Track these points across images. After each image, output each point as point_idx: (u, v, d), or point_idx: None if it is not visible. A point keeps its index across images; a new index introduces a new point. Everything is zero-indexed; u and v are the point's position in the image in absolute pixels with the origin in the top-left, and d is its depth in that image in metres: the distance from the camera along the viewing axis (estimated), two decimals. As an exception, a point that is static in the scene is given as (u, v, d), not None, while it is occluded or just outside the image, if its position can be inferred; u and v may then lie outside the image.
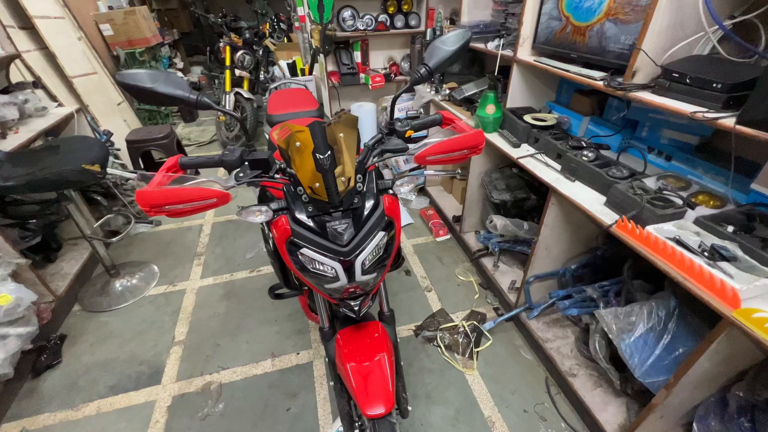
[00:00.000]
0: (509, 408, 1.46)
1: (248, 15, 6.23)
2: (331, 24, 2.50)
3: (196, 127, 4.42)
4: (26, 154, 1.67)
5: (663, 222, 1.06)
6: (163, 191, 0.79)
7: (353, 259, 0.83)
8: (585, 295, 1.52)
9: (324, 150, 0.75)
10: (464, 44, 0.92)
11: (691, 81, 1.02)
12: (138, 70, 0.83)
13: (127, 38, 3.95)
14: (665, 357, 1.11)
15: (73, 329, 1.84)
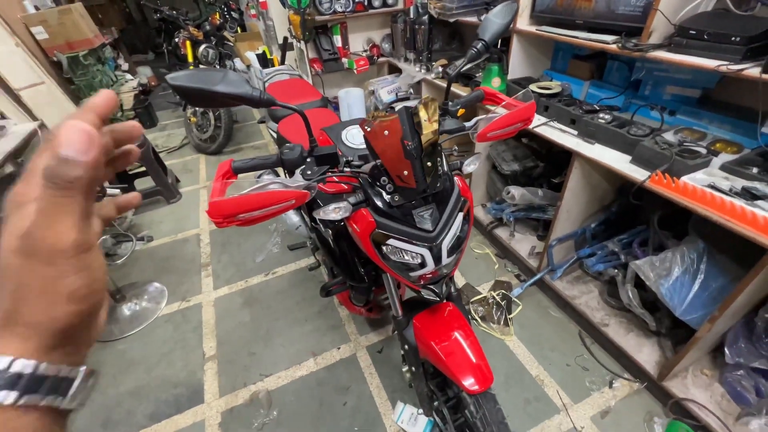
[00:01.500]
0: (553, 365, 1.55)
1: (186, 5, 5.75)
2: (308, 8, 2.38)
3: (159, 132, 4.11)
4: (6, 181, 1.49)
5: (693, 172, 1.14)
6: (237, 200, 0.74)
7: (440, 243, 0.83)
8: (607, 250, 1.62)
9: (412, 136, 0.73)
10: (514, 16, 0.93)
11: (709, 36, 1.09)
12: (189, 71, 0.75)
13: (65, 41, 3.55)
14: (701, 295, 1.21)
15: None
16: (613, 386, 1.45)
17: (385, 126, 0.72)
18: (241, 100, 0.76)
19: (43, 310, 0.24)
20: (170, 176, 2.88)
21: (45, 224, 0.23)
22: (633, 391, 1.43)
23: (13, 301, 0.23)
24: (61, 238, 0.24)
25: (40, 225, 0.23)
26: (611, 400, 1.41)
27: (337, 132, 1.14)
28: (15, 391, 0.22)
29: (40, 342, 0.24)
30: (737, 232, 0.99)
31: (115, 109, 0.29)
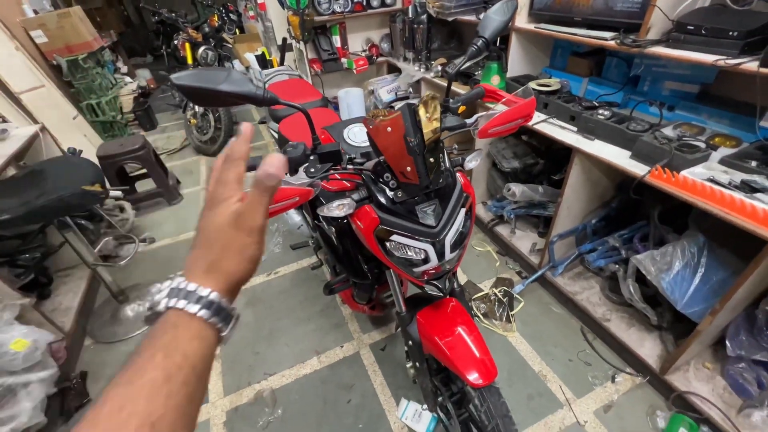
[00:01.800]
0: (555, 360, 1.56)
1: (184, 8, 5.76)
2: (307, 9, 2.39)
3: (159, 134, 4.12)
4: (9, 184, 1.50)
5: (693, 166, 1.15)
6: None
7: (443, 238, 0.84)
8: (608, 245, 1.63)
9: (414, 133, 0.74)
10: (514, 13, 0.93)
11: (706, 32, 1.10)
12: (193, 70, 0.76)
13: (64, 44, 3.55)
14: (702, 288, 1.22)
15: (92, 364, 1.71)
16: (616, 381, 1.46)
17: (387, 123, 0.73)
18: (244, 98, 0.76)
19: (236, 264, 0.37)
20: (171, 178, 2.89)
21: (250, 210, 0.37)
22: (635, 385, 1.44)
23: (219, 255, 0.36)
24: (257, 220, 0.37)
25: (248, 210, 0.37)
26: (614, 395, 1.42)
27: (339, 130, 1.15)
28: (209, 310, 0.34)
29: (227, 286, 0.36)
30: (737, 224, 0.99)
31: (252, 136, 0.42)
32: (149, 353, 0.30)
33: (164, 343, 0.31)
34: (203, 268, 0.36)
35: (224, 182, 0.37)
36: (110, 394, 0.28)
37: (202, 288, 0.34)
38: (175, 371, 0.30)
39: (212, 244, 0.36)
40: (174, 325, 0.33)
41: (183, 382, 0.30)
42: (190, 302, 0.33)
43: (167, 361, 0.30)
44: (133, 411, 0.27)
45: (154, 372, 0.29)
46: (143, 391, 0.28)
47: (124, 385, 0.28)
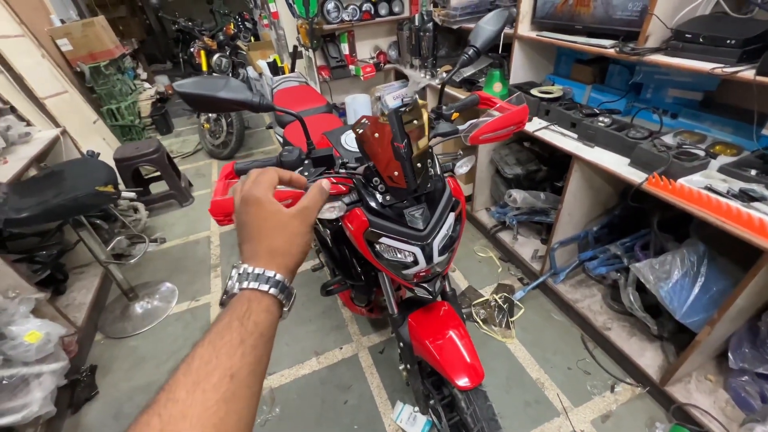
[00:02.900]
0: (554, 368, 1.55)
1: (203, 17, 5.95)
2: (317, 18, 2.46)
3: (175, 138, 4.26)
4: (29, 183, 1.58)
5: (691, 174, 1.14)
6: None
7: (431, 242, 0.86)
8: (609, 253, 1.61)
9: (402, 138, 0.77)
10: (506, 22, 0.95)
11: (704, 40, 1.10)
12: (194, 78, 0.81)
13: (88, 52, 3.72)
14: (702, 298, 1.21)
15: (102, 358, 1.77)
16: (615, 390, 1.44)
17: (375, 129, 0.75)
18: (242, 105, 0.81)
19: (296, 249, 0.45)
20: (183, 180, 2.98)
21: (312, 207, 0.48)
22: (635, 396, 1.42)
23: (281, 242, 0.44)
24: (314, 215, 0.48)
25: (310, 206, 0.48)
26: (612, 405, 1.40)
27: (337, 136, 1.18)
28: (276, 288, 0.41)
29: (287, 268, 0.43)
30: (733, 233, 0.98)
31: None
32: (227, 321, 0.37)
33: (239, 314, 0.38)
34: (266, 254, 0.42)
35: (258, 185, 0.45)
36: (198, 351, 0.35)
37: (268, 270, 0.41)
38: (247, 336, 0.36)
39: (272, 233, 0.43)
40: (248, 300, 0.39)
41: (253, 345, 0.36)
42: (260, 283, 0.40)
43: (242, 328, 0.37)
44: (217, 364, 0.34)
45: (231, 335, 0.36)
46: (223, 349, 0.35)
47: (207, 345, 0.35)
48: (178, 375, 0.33)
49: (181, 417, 0.30)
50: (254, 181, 0.45)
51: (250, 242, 0.43)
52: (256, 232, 0.43)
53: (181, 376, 0.33)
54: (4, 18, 2.66)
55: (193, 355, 0.34)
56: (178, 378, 0.33)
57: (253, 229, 0.43)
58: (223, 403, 0.32)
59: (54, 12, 3.71)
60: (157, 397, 0.32)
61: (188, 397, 0.31)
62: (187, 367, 0.34)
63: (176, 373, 0.33)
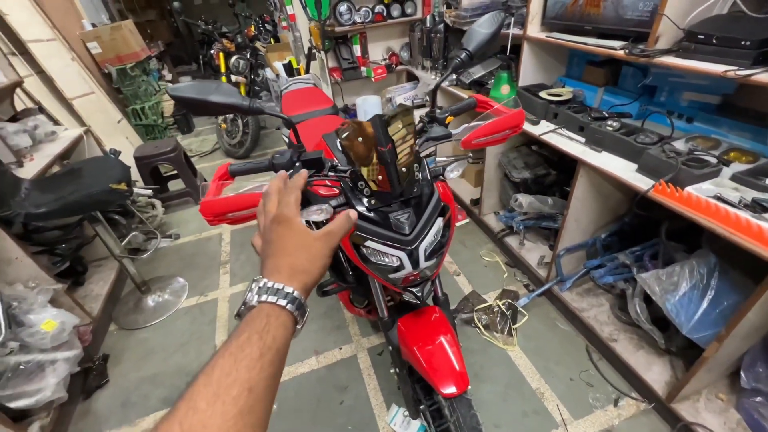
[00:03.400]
0: (555, 378, 1.50)
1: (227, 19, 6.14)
2: (329, 20, 2.48)
3: (194, 138, 4.40)
4: (50, 180, 1.67)
5: (700, 182, 1.08)
6: (226, 200, 0.81)
7: (417, 246, 0.85)
8: (618, 262, 1.55)
9: (386, 142, 0.77)
10: (501, 25, 0.93)
11: (717, 41, 1.04)
12: (188, 83, 0.84)
13: (115, 54, 3.89)
14: (711, 312, 1.14)
15: (114, 348, 1.85)
16: (619, 405, 1.39)
17: (359, 133, 0.76)
18: (232, 108, 0.83)
19: (316, 269, 0.46)
20: (199, 179, 3.08)
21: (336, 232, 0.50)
22: (639, 411, 1.36)
23: (303, 261, 0.45)
24: (337, 240, 0.50)
25: (335, 231, 0.50)
26: (615, 419, 1.35)
27: (334, 139, 1.19)
28: (293, 305, 0.42)
29: (305, 286, 0.44)
30: (741, 245, 0.93)
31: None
32: (247, 335, 0.38)
33: (259, 328, 0.39)
34: (287, 271, 0.44)
35: (287, 204, 0.48)
36: (219, 362, 0.35)
37: (288, 286, 0.42)
38: (266, 350, 0.37)
39: (296, 252, 0.46)
40: (267, 315, 0.40)
41: (271, 360, 0.37)
42: (279, 297, 0.41)
43: (261, 342, 0.38)
44: (237, 377, 0.34)
45: (251, 348, 0.37)
46: (243, 362, 0.36)
47: (228, 357, 0.36)
48: (198, 385, 0.34)
49: (202, 427, 0.31)
50: (284, 202, 0.49)
51: (273, 258, 0.45)
52: (281, 250, 0.45)
53: (201, 387, 0.33)
54: (38, 23, 2.82)
55: (213, 366, 0.35)
56: (199, 388, 0.33)
57: (278, 247, 0.46)
58: (240, 417, 0.33)
59: (86, 17, 3.91)
60: (177, 405, 0.32)
61: (208, 408, 0.32)
62: (208, 377, 0.34)
63: (196, 383, 0.34)
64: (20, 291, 1.53)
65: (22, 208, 1.42)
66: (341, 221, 0.51)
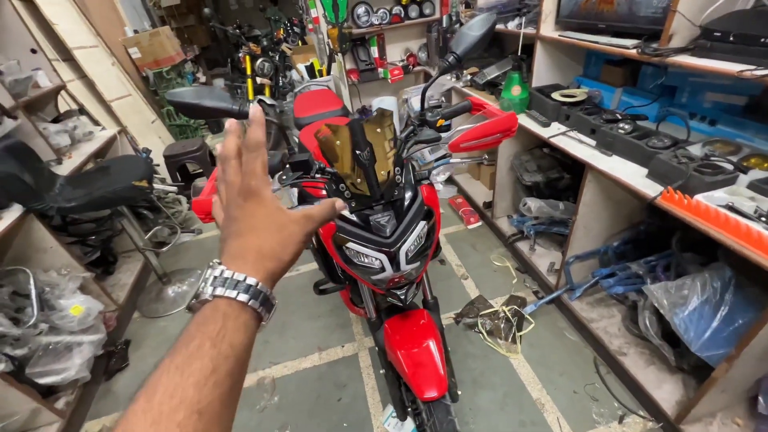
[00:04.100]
0: (558, 390, 1.45)
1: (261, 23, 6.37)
2: (346, 22, 2.52)
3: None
4: (82, 176, 1.82)
5: (713, 189, 1.01)
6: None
7: (397, 249, 0.86)
8: (630, 271, 1.47)
9: (363, 146, 0.78)
10: (491, 28, 0.92)
11: (735, 39, 0.97)
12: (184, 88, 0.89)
13: (153, 59, 4.14)
14: (723, 329, 1.07)
15: (136, 334, 1.98)
16: (624, 422, 1.32)
17: (337, 136, 0.78)
18: (223, 112, 0.87)
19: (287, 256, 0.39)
20: (223, 177, 3.21)
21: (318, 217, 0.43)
22: (646, 430, 1.29)
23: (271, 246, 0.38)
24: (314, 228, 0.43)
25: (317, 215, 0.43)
26: (618, 437, 1.29)
27: (332, 141, 1.22)
28: (256, 300, 0.35)
29: (271, 275, 0.38)
30: (751, 259, 0.86)
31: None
32: (197, 342, 0.31)
33: (212, 333, 0.31)
34: (254, 255, 0.36)
35: (253, 173, 0.38)
36: (162, 379, 0.29)
37: (251, 278, 0.35)
38: (221, 361, 0.31)
39: (265, 233, 0.38)
40: (224, 315, 0.33)
41: (228, 373, 0.31)
42: (240, 291, 0.34)
43: (214, 351, 0.31)
44: (183, 398, 0.28)
45: (202, 361, 0.30)
46: (191, 379, 0.29)
47: (174, 372, 0.29)
48: (136, 410, 0.28)
49: None
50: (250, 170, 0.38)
51: (237, 238, 0.38)
52: (248, 229, 0.38)
53: (139, 413, 0.27)
54: (83, 31, 3.06)
55: (155, 384, 0.29)
56: (137, 415, 0.27)
57: (245, 225, 0.38)
58: None
59: (128, 24, 4.19)
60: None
61: None
62: (148, 400, 0.28)
63: (134, 406, 0.28)
64: (54, 277, 1.67)
65: (55, 201, 1.56)
66: (324, 207, 0.44)
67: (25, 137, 1.87)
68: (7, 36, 2.05)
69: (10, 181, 1.44)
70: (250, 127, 0.39)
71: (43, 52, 2.13)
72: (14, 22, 2.03)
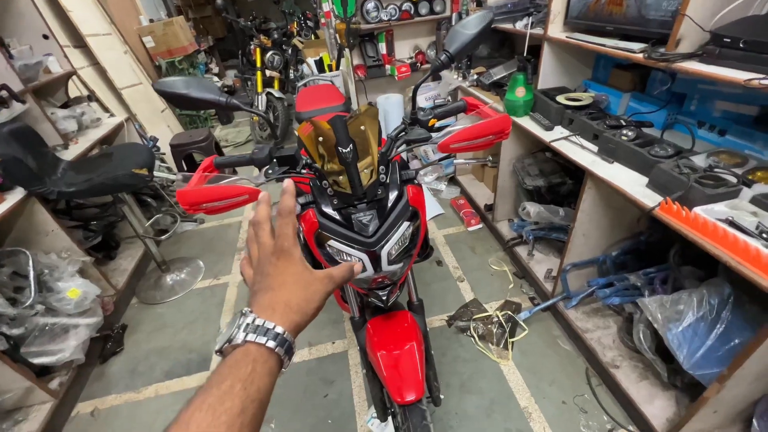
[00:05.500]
0: (547, 399, 1.43)
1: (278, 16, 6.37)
2: (355, 17, 2.50)
3: (232, 128, 4.63)
4: (85, 161, 1.84)
5: (713, 202, 0.97)
6: (201, 190, 0.84)
7: (379, 249, 0.84)
8: (628, 283, 1.43)
9: (346, 143, 0.76)
10: (486, 26, 0.89)
11: (745, 45, 0.92)
12: (173, 77, 0.89)
13: (167, 48, 4.19)
14: (719, 348, 1.03)
15: (133, 320, 2.02)
16: (612, 436, 1.29)
17: (319, 132, 0.76)
18: (209, 103, 0.87)
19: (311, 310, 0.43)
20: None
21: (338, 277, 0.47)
22: (634, 446, 1.26)
23: (302, 300, 0.42)
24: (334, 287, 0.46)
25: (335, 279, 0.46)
26: (605, 451, 1.26)
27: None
28: (282, 348, 0.38)
29: (296, 326, 0.41)
30: (747, 276, 0.83)
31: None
32: (229, 383, 0.33)
33: (242, 376, 0.34)
34: (282, 308, 0.40)
35: (286, 236, 0.43)
36: (195, 416, 0.31)
37: (279, 327, 0.38)
38: (249, 403, 0.33)
39: (293, 289, 0.42)
40: (254, 360, 0.36)
41: (254, 415, 0.34)
42: (269, 339, 0.37)
43: (244, 393, 0.33)
44: None
45: (232, 401, 0.33)
46: (223, 417, 0.31)
47: (206, 411, 0.31)
48: None
49: None
50: (283, 234, 0.43)
51: (269, 292, 0.41)
52: (279, 285, 0.42)
53: None
54: (98, 18, 3.10)
55: (188, 421, 0.31)
56: None
57: (276, 282, 0.42)
58: None
59: (144, 13, 4.24)
60: None
61: None
62: None
63: None
64: (54, 260, 1.71)
65: (56, 186, 1.58)
66: (344, 270, 0.48)
67: (33, 121, 1.91)
68: (20, 21, 2.08)
69: (13, 164, 1.47)
70: (282, 197, 0.45)
71: (55, 38, 2.16)
72: (28, 8, 2.06)
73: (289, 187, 0.46)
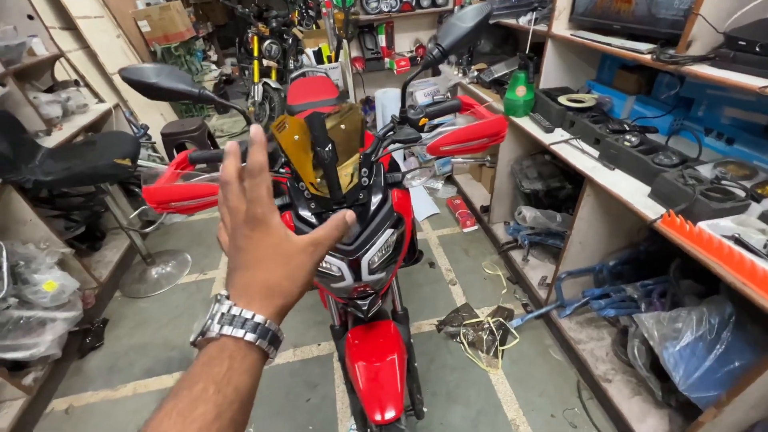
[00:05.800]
0: (535, 411, 1.38)
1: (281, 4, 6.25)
2: (354, 7, 2.42)
3: (228, 118, 4.55)
4: (66, 149, 1.77)
5: (719, 217, 0.91)
6: (169, 188, 0.78)
7: (359, 258, 0.78)
8: (624, 294, 1.38)
9: (324, 143, 0.70)
10: (483, 20, 0.82)
11: (761, 49, 0.86)
12: (143, 64, 0.82)
13: (163, 33, 4.09)
14: (717, 370, 0.97)
15: (115, 314, 1.96)
16: (601, 453, 1.25)
17: (296, 130, 0.70)
18: (180, 94, 0.80)
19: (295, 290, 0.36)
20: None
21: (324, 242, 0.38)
22: (623, 465, 1.21)
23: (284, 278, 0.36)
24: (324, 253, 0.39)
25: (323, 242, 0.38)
26: (593, 469, 1.21)
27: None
28: (265, 339, 0.33)
29: (280, 310, 0.36)
30: (752, 299, 0.77)
31: None
32: (202, 385, 0.29)
33: (217, 376, 0.30)
34: (261, 291, 0.35)
35: (258, 200, 0.35)
36: (163, 424, 0.28)
37: (259, 315, 0.33)
38: (225, 407, 0.29)
39: (272, 265, 0.35)
40: (230, 357, 0.31)
41: (232, 419, 0.30)
42: (247, 331, 0.32)
43: (219, 396, 0.29)
44: None
45: (205, 406, 0.29)
46: (195, 424, 0.28)
47: (176, 418, 0.28)
48: None
49: None
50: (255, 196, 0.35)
51: (244, 272, 0.35)
52: (254, 261, 0.35)
53: None
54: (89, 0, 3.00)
55: (156, 428, 0.28)
56: None
57: (251, 257, 0.35)
58: None
59: (141, -5, 4.13)
60: None
61: None
62: None
63: None
64: (31, 250, 1.64)
65: (33, 174, 1.51)
66: (332, 226, 0.39)
67: (14, 105, 1.83)
68: (3, 1, 2.00)
69: (-14, 150, 1.40)
70: (251, 149, 0.35)
71: (40, 18, 2.08)
72: (12, -14, 1.98)
73: (258, 136, 0.35)
